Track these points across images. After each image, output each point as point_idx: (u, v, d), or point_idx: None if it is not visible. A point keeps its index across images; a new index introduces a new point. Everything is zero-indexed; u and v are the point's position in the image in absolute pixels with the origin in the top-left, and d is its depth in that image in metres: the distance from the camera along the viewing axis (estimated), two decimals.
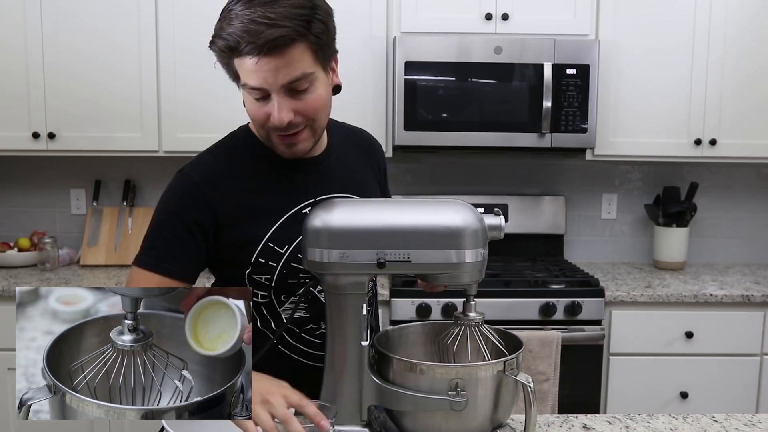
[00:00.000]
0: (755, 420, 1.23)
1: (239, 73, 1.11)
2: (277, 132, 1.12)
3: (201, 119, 2.58)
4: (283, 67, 1.06)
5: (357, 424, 1.03)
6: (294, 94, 1.09)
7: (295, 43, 1.05)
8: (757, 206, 3.04)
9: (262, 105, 1.11)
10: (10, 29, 2.53)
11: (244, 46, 1.05)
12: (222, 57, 1.13)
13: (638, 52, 2.60)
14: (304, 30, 1.05)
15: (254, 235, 1.17)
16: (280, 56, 1.05)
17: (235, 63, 1.10)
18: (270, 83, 1.07)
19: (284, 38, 1.03)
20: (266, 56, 1.04)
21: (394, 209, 1.03)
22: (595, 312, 2.36)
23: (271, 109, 1.10)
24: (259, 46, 1.03)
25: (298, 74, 1.07)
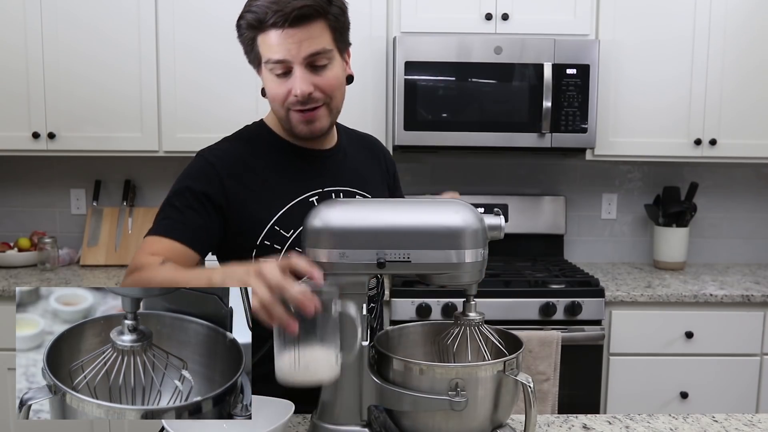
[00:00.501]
0: (755, 420, 1.23)
1: (262, 51, 1.18)
2: (297, 107, 1.19)
3: (201, 119, 2.58)
4: (306, 39, 1.14)
5: (357, 424, 1.03)
6: (314, 69, 1.17)
7: (316, 19, 1.15)
8: (757, 206, 3.04)
9: (283, 81, 1.18)
10: (10, 29, 2.53)
11: (270, 17, 1.13)
12: (248, 34, 1.19)
13: (638, 51, 2.60)
14: (326, 7, 1.15)
15: (261, 217, 1.22)
16: (303, 29, 1.14)
17: (259, 40, 1.18)
18: (293, 55, 1.15)
19: (308, 8, 1.13)
20: (290, 27, 1.13)
21: (394, 209, 1.03)
22: (595, 312, 2.36)
23: (291, 84, 1.17)
24: (285, 14, 1.12)
25: (319, 48, 1.16)
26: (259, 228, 1.22)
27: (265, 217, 1.23)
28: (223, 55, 2.55)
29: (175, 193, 1.23)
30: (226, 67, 2.55)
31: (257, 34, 1.18)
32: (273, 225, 1.23)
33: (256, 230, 1.22)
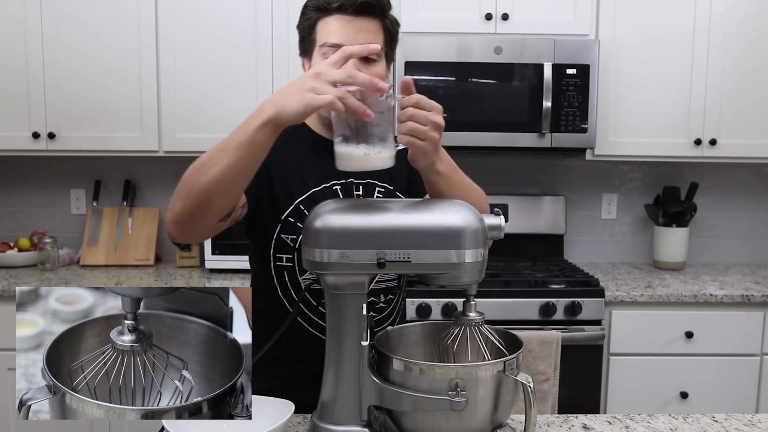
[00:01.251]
0: (755, 420, 1.23)
1: (319, 36, 1.24)
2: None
3: (201, 119, 2.58)
4: (364, 30, 1.22)
5: (357, 424, 1.03)
6: (365, 61, 1.22)
7: (376, 17, 1.24)
8: (757, 206, 3.04)
9: None
10: (10, 29, 2.53)
11: (336, 1, 1.21)
12: (312, 16, 1.25)
13: (638, 51, 2.60)
14: (386, 9, 1.25)
15: (292, 193, 1.29)
16: (363, 20, 1.22)
17: (319, 26, 1.24)
18: (350, 41, 1.19)
19: (374, 2, 1.22)
20: (353, 16, 1.21)
21: (394, 209, 1.03)
22: (595, 312, 2.36)
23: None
24: (352, 1, 1.20)
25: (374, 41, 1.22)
26: (287, 202, 1.29)
27: (294, 193, 1.29)
28: (223, 56, 2.55)
29: None
30: (225, 68, 2.55)
31: (321, 17, 1.24)
32: (298, 204, 1.29)
33: (284, 203, 1.29)
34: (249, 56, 2.55)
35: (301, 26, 1.29)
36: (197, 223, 1.10)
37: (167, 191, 2.94)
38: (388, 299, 1.37)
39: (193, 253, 2.77)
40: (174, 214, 1.09)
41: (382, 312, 1.36)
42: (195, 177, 1.06)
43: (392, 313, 1.39)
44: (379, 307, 1.35)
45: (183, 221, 1.09)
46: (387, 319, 1.38)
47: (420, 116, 1.04)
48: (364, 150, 1.03)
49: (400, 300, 1.42)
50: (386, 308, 1.37)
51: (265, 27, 2.55)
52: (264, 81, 2.56)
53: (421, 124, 1.05)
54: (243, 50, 2.55)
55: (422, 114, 1.04)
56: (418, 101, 1.05)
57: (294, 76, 2.56)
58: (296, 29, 1.32)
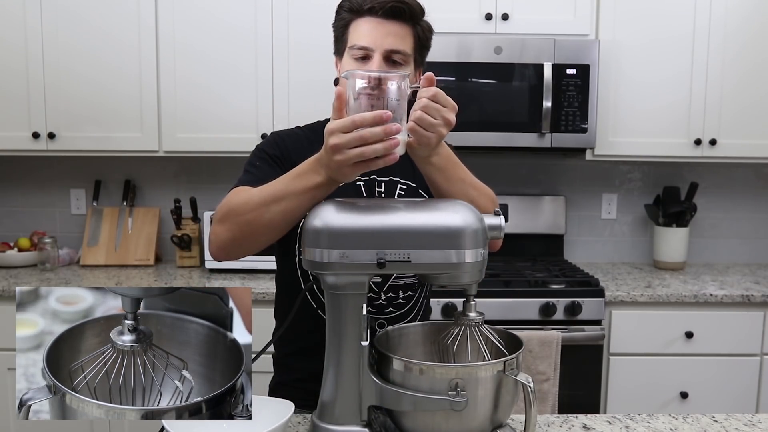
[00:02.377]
0: (755, 420, 1.23)
1: (350, 37, 1.28)
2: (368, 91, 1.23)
3: (201, 119, 2.58)
4: (393, 35, 1.25)
5: (357, 424, 1.03)
6: (391, 64, 1.26)
7: (407, 22, 1.26)
8: (757, 206, 3.04)
9: (360, 65, 1.27)
10: (10, 28, 2.53)
11: (368, 3, 1.24)
12: (346, 17, 1.29)
13: (638, 51, 2.60)
14: (418, 14, 1.27)
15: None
16: (393, 24, 1.25)
17: (351, 27, 1.28)
18: (378, 44, 1.24)
19: (403, 6, 1.24)
20: (383, 18, 1.24)
21: (394, 209, 1.03)
22: (595, 312, 2.36)
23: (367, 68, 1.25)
24: (382, 3, 1.23)
25: (401, 47, 1.26)
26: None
27: None
28: (223, 56, 2.55)
29: (252, 156, 1.35)
30: (226, 68, 2.55)
31: (353, 18, 1.28)
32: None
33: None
34: (249, 56, 2.55)
35: (335, 26, 1.34)
36: (245, 249, 1.18)
37: (167, 191, 2.94)
38: (408, 296, 1.37)
39: (193, 253, 2.77)
40: (222, 241, 1.18)
41: (401, 308, 1.37)
42: (248, 212, 1.12)
43: (412, 311, 1.39)
44: (397, 303, 1.36)
45: (230, 248, 1.18)
46: (406, 316, 1.38)
47: (433, 109, 1.05)
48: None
49: (421, 297, 1.42)
50: (405, 305, 1.37)
51: (265, 27, 2.55)
52: (264, 81, 2.56)
53: (433, 117, 1.05)
54: (243, 50, 2.55)
55: (435, 107, 1.05)
56: (435, 94, 1.06)
57: (294, 75, 2.56)
58: (331, 27, 1.36)
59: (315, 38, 2.55)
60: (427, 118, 1.04)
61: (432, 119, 1.05)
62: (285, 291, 1.42)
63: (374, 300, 1.35)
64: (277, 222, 1.11)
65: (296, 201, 1.08)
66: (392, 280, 1.35)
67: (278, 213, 1.09)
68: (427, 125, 1.05)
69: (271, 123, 2.57)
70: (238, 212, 1.14)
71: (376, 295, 1.35)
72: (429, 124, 1.05)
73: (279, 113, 2.57)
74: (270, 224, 1.11)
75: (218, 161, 2.92)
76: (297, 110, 2.57)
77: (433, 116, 1.05)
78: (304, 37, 2.55)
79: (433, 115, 1.05)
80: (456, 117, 1.08)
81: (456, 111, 1.08)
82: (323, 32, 2.53)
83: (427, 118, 1.04)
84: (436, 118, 1.05)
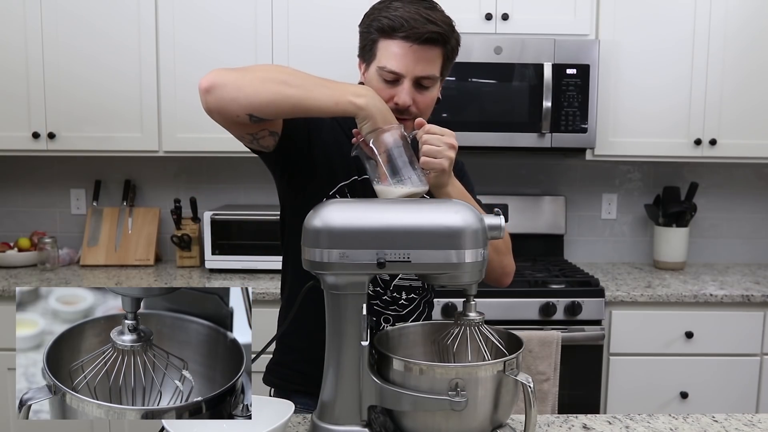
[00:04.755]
0: (755, 420, 1.23)
1: (380, 56, 1.26)
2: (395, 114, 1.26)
3: (201, 119, 2.55)
4: (423, 60, 1.25)
5: (357, 424, 1.03)
6: (419, 87, 1.28)
7: (438, 45, 1.26)
8: (757, 206, 3.04)
9: (389, 87, 1.27)
10: (11, 29, 2.53)
11: (404, 31, 1.22)
12: (373, 36, 1.27)
13: (638, 51, 2.60)
14: (449, 37, 1.27)
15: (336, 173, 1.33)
16: (425, 49, 1.24)
17: (381, 44, 1.26)
18: (409, 70, 1.25)
19: (438, 35, 1.24)
20: (417, 46, 1.23)
21: (394, 209, 1.03)
22: (595, 312, 2.36)
23: (396, 93, 1.26)
24: (419, 34, 1.22)
25: (430, 73, 1.27)
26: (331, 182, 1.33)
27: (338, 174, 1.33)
28: (224, 56, 2.55)
29: None
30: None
31: (383, 38, 1.26)
32: (342, 186, 1.34)
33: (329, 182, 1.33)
34: (249, 57, 2.55)
35: (363, 34, 1.31)
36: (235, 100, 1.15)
37: (167, 191, 2.94)
38: (410, 298, 1.38)
39: (193, 253, 2.77)
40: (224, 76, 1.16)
41: (405, 308, 1.38)
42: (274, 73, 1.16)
43: (412, 313, 1.40)
44: (401, 304, 1.37)
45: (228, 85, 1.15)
46: (409, 317, 1.39)
47: (433, 139, 1.18)
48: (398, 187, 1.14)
49: (422, 302, 1.43)
50: (408, 306, 1.38)
51: (265, 27, 2.55)
52: None
53: (436, 145, 1.18)
54: (243, 50, 2.55)
55: (435, 137, 1.18)
56: (429, 129, 1.19)
57: None
58: (358, 28, 1.33)
59: (315, 39, 2.55)
60: (432, 148, 1.18)
61: (436, 147, 1.18)
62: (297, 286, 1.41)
63: (381, 295, 1.36)
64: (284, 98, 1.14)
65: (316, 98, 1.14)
66: (397, 281, 1.36)
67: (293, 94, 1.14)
68: (435, 153, 1.18)
69: None
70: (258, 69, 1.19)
71: (382, 291, 1.36)
72: (436, 152, 1.18)
73: None
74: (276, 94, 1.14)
75: (218, 161, 2.92)
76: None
77: (436, 144, 1.18)
78: (304, 37, 2.55)
79: (436, 144, 1.18)
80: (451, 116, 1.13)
81: (453, 135, 1.21)
82: (323, 33, 2.56)
83: (432, 148, 1.18)
84: (439, 145, 1.18)
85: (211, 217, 2.62)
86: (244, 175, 2.94)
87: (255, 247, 2.61)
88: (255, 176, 2.93)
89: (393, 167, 1.15)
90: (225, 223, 2.62)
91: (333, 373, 1.04)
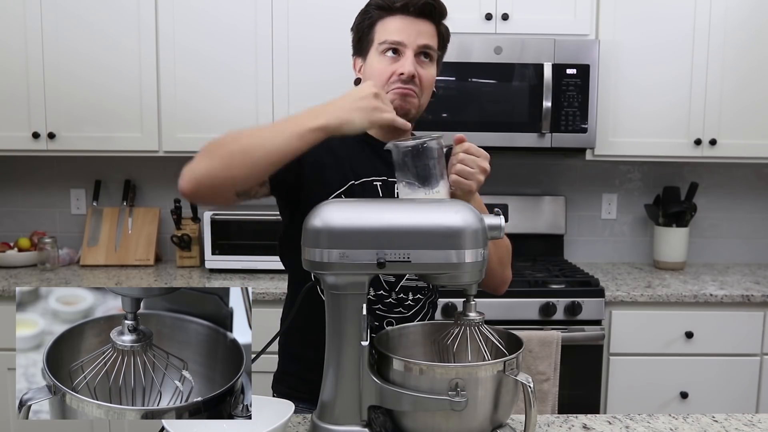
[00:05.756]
0: (755, 420, 1.23)
1: (378, 35, 1.31)
2: (398, 84, 1.30)
3: (201, 119, 2.58)
4: (423, 32, 1.30)
5: (357, 424, 1.03)
6: (420, 61, 1.30)
7: (433, 21, 1.31)
8: (757, 206, 3.04)
9: (391, 62, 1.30)
10: (11, 29, 2.53)
11: (402, 2, 1.28)
12: (374, 15, 1.32)
13: (638, 51, 2.60)
14: (443, 14, 1.32)
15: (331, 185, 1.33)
16: (422, 22, 1.29)
17: (378, 25, 1.31)
18: (411, 40, 1.29)
19: (432, 6, 1.28)
20: (414, 17, 1.28)
21: (394, 209, 1.03)
22: (595, 312, 2.36)
23: (401, 64, 1.29)
24: (415, 3, 1.28)
25: (431, 43, 1.30)
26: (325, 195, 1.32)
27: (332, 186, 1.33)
28: (223, 57, 2.55)
29: None
30: (225, 69, 2.55)
31: (382, 17, 1.30)
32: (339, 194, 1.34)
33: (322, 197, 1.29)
34: (249, 57, 2.55)
35: (359, 26, 1.36)
36: (217, 187, 1.13)
37: (167, 191, 2.94)
38: (416, 298, 1.39)
39: (193, 253, 2.77)
40: (196, 172, 1.12)
41: (410, 309, 1.38)
42: (232, 146, 1.12)
43: (419, 313, 1.41)
44: (407, 305, 1.38)
45: (203, 181, 1.12)
46: (413, 318, 1.40)
47: (468, 161, 1.19)
48: (424, 192, 1.15)
49: (427, 303, 1.43)
50: (414, 306, 1.39)
51: (265, 28, 2.55)
52: (264, 82, 2.56)
53: (470, 167, 1.19)
54: (243, 51, 2.55)
55: (471, 158, 1.19)
56: (468, 148, 1.20)
57: (294, 77, 2.56)
58: (351, 31, 1.37)
59: (315, 40, 2.55)
60: (466, 169, 1.19)
61: (470, 169, 1.19)
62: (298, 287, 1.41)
63: (384, 298, 1.36)
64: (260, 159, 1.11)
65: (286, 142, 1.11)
66: (404, 281, 1.36)
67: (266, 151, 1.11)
68: (467, 174, 1.19)
69: None
70: (219, 145, 1.14)
71: (386, 293, 1.36)
72: (468, 174, 1.19)
73: (279, 114, 2.57)
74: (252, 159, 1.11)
75: None
76: (297, 111, 2.57)
77: (471, 166, 1.19)
78: (304, 38, 2.55)
79: (470, 166, 1.19)
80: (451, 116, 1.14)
81: (489, 159, 1.22)
82: (323, 34, 2.56)
83: (466, 169, 1.19)
84: (473, 167, 1.19)
85: (211, 217, 2.62)
86: None
87: (255, 247, 2.61)
88: None
89: (426, 175, 1.15)
90: (225, 223, 2.62)
91: (333, 373, 1.04)
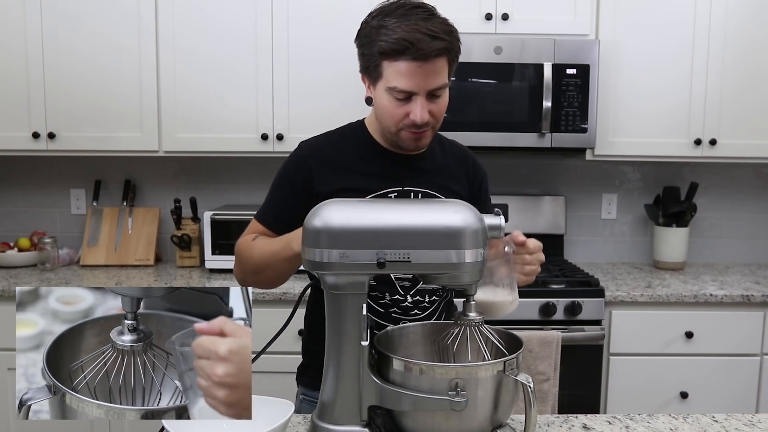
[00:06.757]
0: (755, 420, 1.23)
1: (387, 76, 1.26)
2: (411, 129, 1.31)
3: (200, 119, 2.58)
4: (432, 74, 1.25)
5: (357, 424, 1.03)
6: (431, 98, 1.28)
7: (443, 55, 1.25)
8: (757, 206, 3.04)
9: (402, 105, 1.28)
10: (11, 30, 2.53)
11: (409, 54, 1.21)
12: (376, 59, 1.26)
13: (638, 52, 2.60)
14: (453, 45, 1.27)
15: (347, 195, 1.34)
16: (431, 64, 1.24)
17: (386, 65, 1.25)
18: (420, 87, 1.25)
19: (442, 50, 1.24)
20: (424, 63, 1.22)
21: (394, 209, 1.03)
22: (595, 312, 2.36)
23: (410, 109, 1.28)
24: (424, 54, 1.21)
25: (441, 83, 1.27)
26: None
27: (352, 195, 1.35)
28: (223, 57, 2.55)
29: (276, 183, 1.43)
30: (225, 69, 2.55)
31: (388, 60, 1.25)
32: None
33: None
34: (249, 57, 2.55)
35: (365, 55, 1.30)
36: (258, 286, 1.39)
37: (167, 191, 2.94)
38: (432, 300, 1.41)
39: (193, 253, 2.77)
40: (237, 277, 1.41)
41: (426, 311, 1.40)
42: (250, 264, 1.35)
43: (434, 314, 1.43)
44: (423, 306, 1.40)
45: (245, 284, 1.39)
46: (429, 318, 1.42)
47: (534, 260, 1.27)
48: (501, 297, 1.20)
49: (443, 303, 1.46)
50: (429, 308, 1.41)
51: (265, 28, 2.55)
52: (264, 82, 2.56)
53: (534, 266, 1.27)
54: (243, 51, 2.55)
55: (535, 257, 1.27)
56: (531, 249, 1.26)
57: (294, 77, 2.56)
58: (354, 43, 1.32)
59: (315, 40, 2.55)
60: (533, 269, 1.27)
61: (535, 268, 1.28)
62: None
63: (400, 302, 1.37)
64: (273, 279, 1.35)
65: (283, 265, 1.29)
66: (420, 285, 1.38)
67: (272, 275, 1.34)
68: (532, 273, 1.28)
69: (271, 123, 2.57)
70: (243, 262, 1.37)
71: (402, 297, 1.37)
72: (533, 272, 1.28)
73: (279, 114, 2.57)
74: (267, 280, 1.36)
75: (218, 161, 2.92)
76: (297, 111, 2.57)
77: (534, 264, 1.27)
78: (304, 38, 2.55)
79: (534, 264, 1.27)
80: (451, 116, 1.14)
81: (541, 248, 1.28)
82: (323, 34, 2.56)
83: (533, 269, 1.27)
84: (535, 263, 1.27)
85: (211, 217, 2.62)
86: (244, 175, 2.94)
87: None
88: (255, 176, 2.93)
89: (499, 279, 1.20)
90: (225, 223, 2.62)
91: (333, 373, 1.04)
